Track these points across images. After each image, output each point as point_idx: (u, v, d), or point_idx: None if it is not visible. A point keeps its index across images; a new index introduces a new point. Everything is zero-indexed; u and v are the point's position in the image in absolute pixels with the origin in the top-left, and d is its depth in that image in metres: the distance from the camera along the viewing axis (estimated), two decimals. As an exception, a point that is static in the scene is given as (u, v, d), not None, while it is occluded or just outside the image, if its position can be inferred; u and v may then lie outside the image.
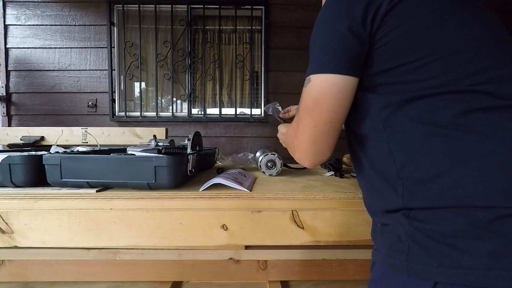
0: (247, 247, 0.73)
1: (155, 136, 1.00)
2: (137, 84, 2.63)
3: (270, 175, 0.99)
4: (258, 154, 1.09)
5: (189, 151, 0.96)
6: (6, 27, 2.48)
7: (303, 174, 1.05)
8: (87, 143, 1.68)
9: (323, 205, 0.72)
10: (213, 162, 1.21)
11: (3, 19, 2.47)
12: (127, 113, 2.56)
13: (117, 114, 2.57)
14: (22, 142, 1.63)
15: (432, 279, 0.38)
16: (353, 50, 0.44)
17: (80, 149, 0.95)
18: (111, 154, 0.74)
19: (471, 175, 0.38)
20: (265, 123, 2.57)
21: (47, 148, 1.15)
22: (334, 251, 0.74)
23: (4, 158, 0.71)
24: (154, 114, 2.58)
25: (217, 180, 0.76)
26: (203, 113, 2.63)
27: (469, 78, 0.40)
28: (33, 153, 0.82)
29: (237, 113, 2.61)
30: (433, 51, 0.41)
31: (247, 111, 2.64)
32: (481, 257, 0.36)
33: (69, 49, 2.50)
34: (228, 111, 2.63)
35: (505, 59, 0.42)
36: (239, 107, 2.65)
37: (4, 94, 2.47)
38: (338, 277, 0.74)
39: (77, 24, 2.49)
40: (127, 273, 0.72)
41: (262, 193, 0.73)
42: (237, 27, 2.56)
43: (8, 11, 2.48)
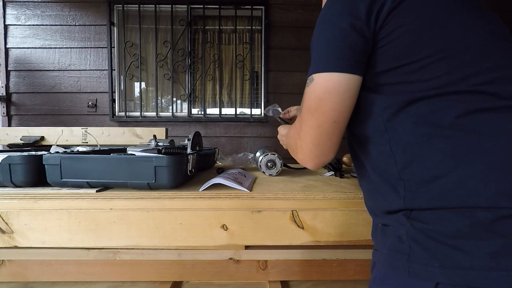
0: (247, 247, 0.73)
1: (155, 136, 1.00)
2: (137, 84, 2.63)
3: (270, 175, 0.99)
4: (258, 154, 1.09)
5: (189, 151, 0.96)
6: (6, 27, 2.48)
7: (303, 174, 1.05)
8: (87, 143, 1.68)
9: (323, 205, 0.71)
10: (213, 162, 1.21)
11: (3, 19, 2.47)
12: (127, 113, 2.56)
13: (117, 114, 2.57)
14: (22, 142, 1.63)
15: (433, 280, 0.38)
16: (357, 48, 0.44)
17: (80, 149, 0.95)
18: (111, 154, 0.74)
19: (473, 175, 0.38)
20: (265, 123, 2.57)
21: (47, 148, 1.15)
22: (334, 251, 0.74)
23: (4, 158, 0.71)
24: (154, 114, 2.58)
25: (217, 180, 0.76)
26: (203, 113, 2.63)
27: (472, 78, 0.40)
28: (33, 153, 0.82)
29: (237, 113, 2.61)
30: (436, 51, 0.41)
31: (247, 111, 2.64)
32: (482, 257, 0.36)
33: (69, 49, 2.50)
34: (228, 111, 2.64)
35: (508, 59, 0.41)
36: (239, 107, 2.65)
37: (4, 94, 2.47)
38: (338, 277, 0.74)
39: (77, 24, 2.49)
40: (127, 273, 0.72)
41: (262, 193, 0.73)
42: (237, 27, 2.56)
43: (8, 11, 2.48)
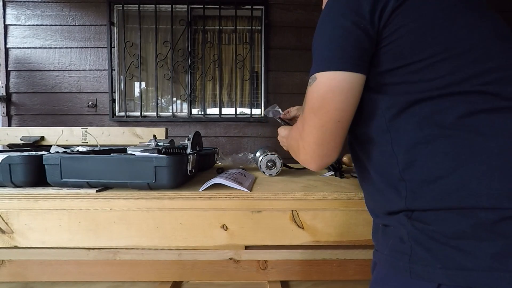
0: (247, 247, 0.73)
1: (155, 136, 1.00)
2: (137, 84, 2.63)
3: (270, 175, 0.99)
4: (258, 154, 1.09)
5: (189, 151, 0.96)
6: (6, 27, 2.48)
7: (303, 174, 1.05)
8: (87, 143, 1.68)
9: (323, 205, 0.71)
10: (213, 162, 1.21)
11: (3, 19, 2.47)
12: (127, 113, 2.56)
13: (117, 114, 2.57)
14: (22, 142, 1.63)
15: (435, 281, 0.38)
16: (361, 47, 0.43)
17: (80, 149, 0.95)
18: (111, 154, 0.74)
19: (476, 176, 0.38)
20: (265, 123, 2.57)
21: (47, 148, 1.15)
22: (334, 251, 0.74)
23: (4, 158, 0.71)
24: (154, 114, 2.58)
25: (217, 180, 0.76)
26: (203, 113, 2.63)
27: (476, 78, 0.40)
28: (33, 153, 0.82)
29: (237, 113, 2.61)
30: (440, 51, 0.41)
31: (247, 111, 2.64)
32: (484, 258, 0.36)
33: (69, 49, 2.50)
34: (228, 111, 2.64)
35: (510, 59, 0.41)
36: (239, 107, 2.65)
37: (4, 94, 2.47)
38: (338, 277, 0.74)
39: (77, 24, 2.49)
40: (127, 273, 0.72)
41: (262, 193, 0.72)
42: (237, 27, 2.56)
43: (8, 11, 2.48)
